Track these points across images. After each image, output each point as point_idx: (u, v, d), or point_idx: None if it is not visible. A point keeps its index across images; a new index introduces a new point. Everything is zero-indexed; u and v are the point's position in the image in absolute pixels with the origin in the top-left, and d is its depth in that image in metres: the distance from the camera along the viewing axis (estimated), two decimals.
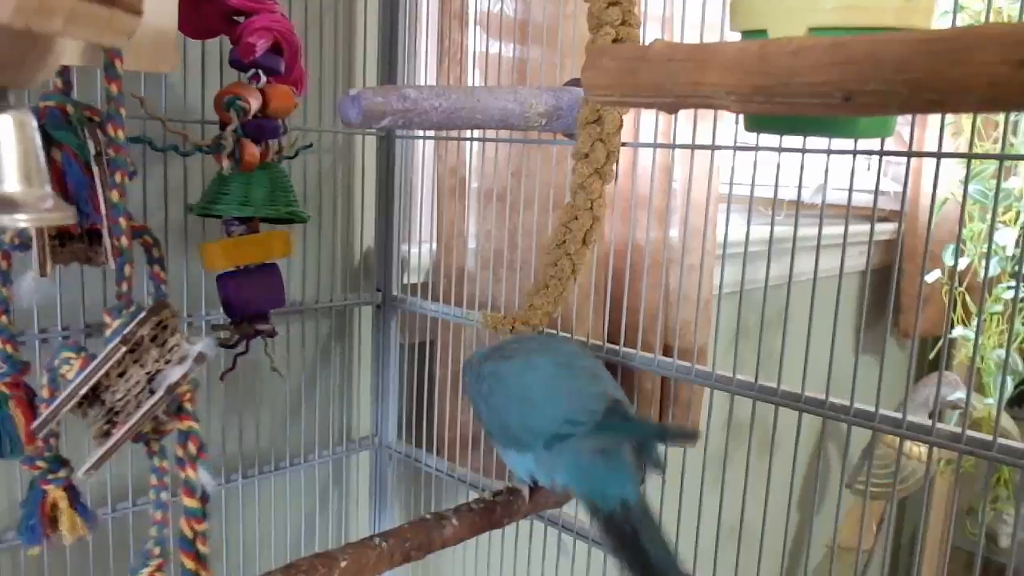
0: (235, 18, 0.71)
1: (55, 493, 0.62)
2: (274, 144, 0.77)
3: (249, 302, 0.74)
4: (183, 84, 0.81)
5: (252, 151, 0.70)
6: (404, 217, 1.05)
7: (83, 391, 0.57)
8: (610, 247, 1.14)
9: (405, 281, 1.06)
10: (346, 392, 1.05)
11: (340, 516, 1.07)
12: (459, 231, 1.07)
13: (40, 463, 0.63)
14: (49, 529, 0.62)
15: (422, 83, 1.03)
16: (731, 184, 0.79)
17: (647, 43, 0.46)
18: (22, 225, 0.34)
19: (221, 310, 0.77)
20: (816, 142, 0.63)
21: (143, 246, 0.65)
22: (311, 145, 0.86)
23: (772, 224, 0.71)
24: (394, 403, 1.06)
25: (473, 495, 0.96)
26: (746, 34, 0.51)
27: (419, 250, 1.08)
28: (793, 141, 0.64)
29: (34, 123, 0.37)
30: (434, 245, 1.10)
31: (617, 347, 0.81)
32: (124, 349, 0.58)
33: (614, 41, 0.71)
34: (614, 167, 0.76)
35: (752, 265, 0.77)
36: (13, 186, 0.34)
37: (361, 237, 1.04)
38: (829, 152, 0.63)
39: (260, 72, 0.73)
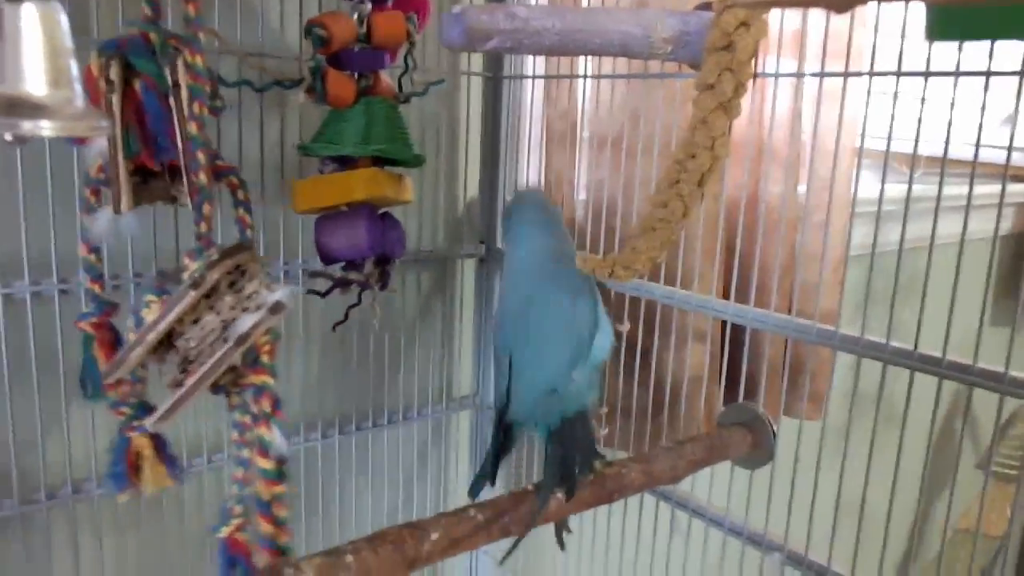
0: None
1: (139, 441, 0.59)
2: (396, 80, 0.72)
3: (334, 247, 0.69)
4: (296, 20, 0.77)
5: (341, 85, 0.65)
6: (510, 165, 0.98)
7: (151, 337, 0.53)
8: (722, 197, 1.04)
9: None
10: (447, 348, 1.00)
11: (439, 479, 1.03)
12: (568, 180, 1.00)
13: (125, 409, 0.60)
14: (134, 477, 0.60)
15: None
16: (863, 135, 0.69)
17: None
18: (46, 134, 0.29)
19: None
20: (1007, 63, 0.52)
21: (228, 188, 0.61)
22: (443, 81, 0.80)
23: (911, 181, 0.61)
24: None
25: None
26: None
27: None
28: (975, 62, 0.53)
29: (63, 17, 0.31)
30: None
31: (739, 306, 0.73)
32: (194, 293, 0.54)
33: None
34: (741, 102, 0.66)
35: (885, 226, 0.67)
36: (39, 88, 0.29)
37: (465, 186, 0.98)
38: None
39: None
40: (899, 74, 0.57)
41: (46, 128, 0.29)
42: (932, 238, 0.61)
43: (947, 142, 0.58)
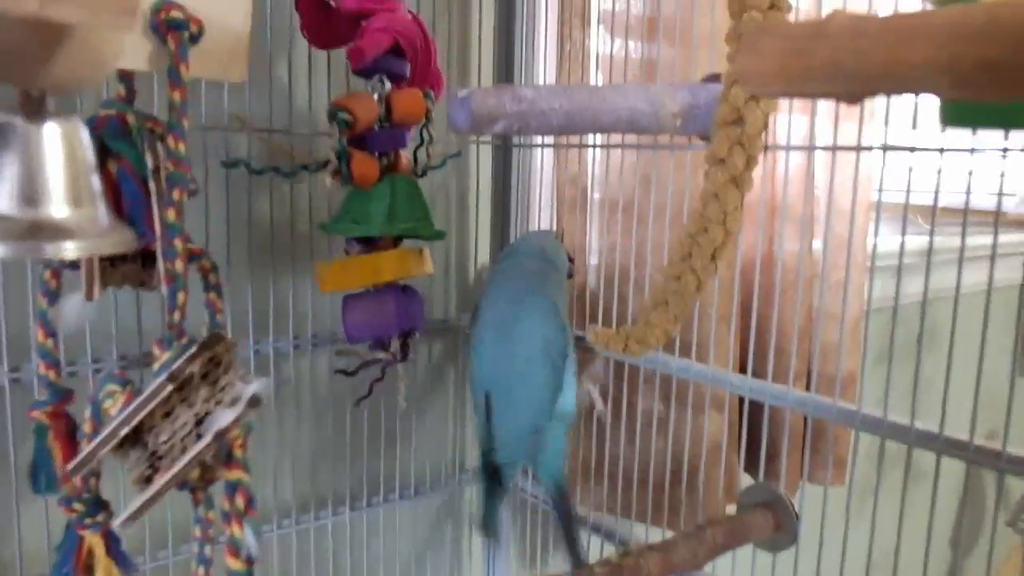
0: (362, 22, 0.66)
1: (92, 539, 0.56)
2: (411, 155, 0.71)
3: (362, 327, 0.68)
4: (306, 94, 0.77)
5: (366, 166, 0.64)
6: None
7: (124, 432, 0.51)
8: (738, 260, 1.03)
9: None
10: (459, 418, 0.98)
11: (454, 555, 1.00)
12: (580, 246, 0.99)
13: (77, 505, 0.56)
14: None
15: (540, 64, 0.95)
16: (880, 190, 0.68)
17: (826, 18, 0.37)
18: (70, 255, 0.28)
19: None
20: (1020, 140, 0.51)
21: (200, 272, 0.59)
22: (459, 153, 0.80)
23: (932, 232, 0.59)
24: None
25: (595, 539, 0.87)
26: (944, 0, 0.41)
27: None
28: (991, 141, 0.52)
29: (85, 134, 0.31)
30: None
31: (757, 381, 0.71)
32: (171, 387, 0.52)
33: None
34: (753, 174, 0.66)
35: (903, 279, 0.66)
36: (60, 209, 0.29)
37: (476, 253, 0.97)
38: None
39: (384, 78, 0.67)
40: (913, 149, 0.56)
41: (69, 250, 0.29)
42: (957, 289, 0.60)
43: (967, 195, 0.56)
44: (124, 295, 0.66)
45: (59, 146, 0.30)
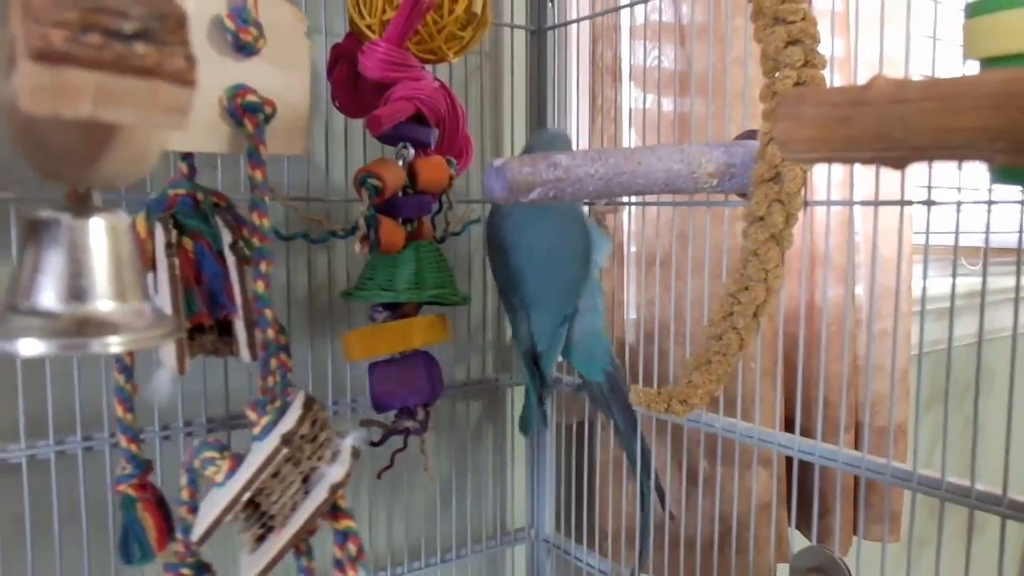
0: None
1: None
2: (430, 220, 0.72)
3: (391, 395, 0.68)
4: (343, 164, 0.78)
5: (393, 232, 0.64)
6: None
7: (246, 496, 0.53)
8: (780, 312, 1.01)
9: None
10: (499, 479, 0.97)
11: None
12: (618, 301, 0.98)
13: (185, 571, 0.58)
14: None
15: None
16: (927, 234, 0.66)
17: (865, 84, 0.36)
18: (115, 351, 0.28)
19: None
20: None
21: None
22: (479, 219, 0.81)
23: (984, 274, 0.57)
24: (551, 491, 0.97)
25: None
26: (991, 63, 0.40)
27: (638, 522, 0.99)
28: None
29: (126, 226, 0.31)
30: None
31: (806, 441, 0.69)
32: (287, 450, 0.54)
33: (796, 86, 0.61)
34: (793, 231, 0.64)
35: (942, 323, 0.64)
36: (105, 303, 0.29)
37: None
38: None
39: (408, 145, 0.68)
40: (959, 203, 0.54)
41: (114, 345, 0.29)
42: (1014, 329, 0.57)
43: (1021, 235, 0.55)
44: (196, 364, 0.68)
45: (104, 241, 0.30)
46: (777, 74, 0.62)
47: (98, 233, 0.30)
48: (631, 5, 0.85)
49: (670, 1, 0.95)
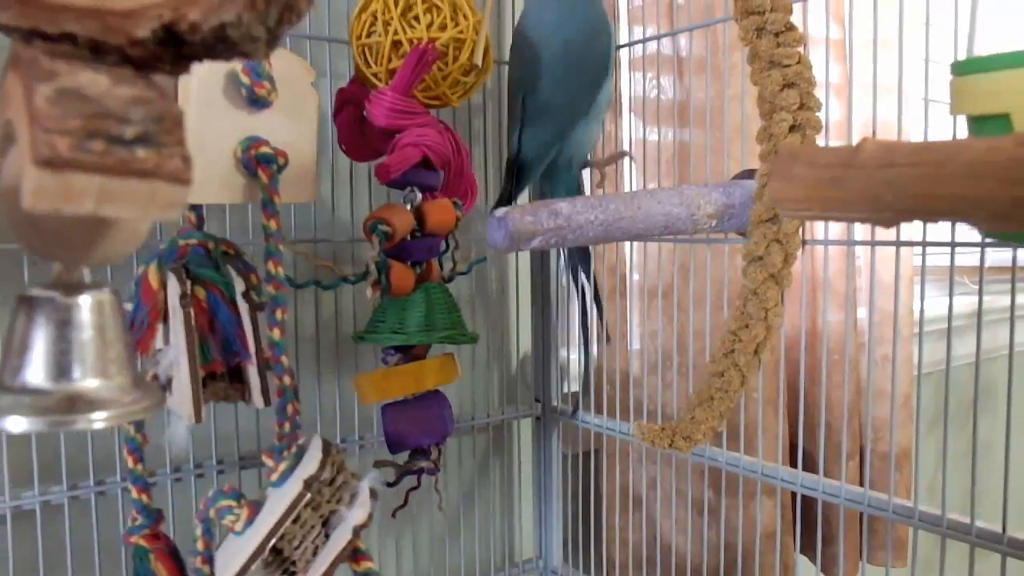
0: (395, 135, 0.68)
1: None
2: (438, 262, 0.73)
3: (407, 436, 0.69)
4: (348, 205, 0.80)
5: (403, 276, 0.66)
6: (562, 320, 0.98)
7: (271, 544, 0.54)
8: (782, 339, 1.02)
9: (565, 390, 0.98)
10: (507, 511, 0.98)
11: None
12: (621, 332, 0.99)
13: None
14: None
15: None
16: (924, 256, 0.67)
17: (854, 144, 0.37)
18: (99, 426, 0.29)
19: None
20: None
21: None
22: (485, 259, 0.82)
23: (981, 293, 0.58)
24: (558, 522, 0.98)
25: None
26: (976, 120, 0.41)
27: (579, 355, 1.00)
28: None
29: (114, 304, 0.32)
30: (594, 346, 1.02)
31: (809, 476, 0.69)
32: (309, 494, 0.55)
33: (791, 128, 0.62)
34: (792, 271, 0.66)
35: (941, 343, 0.65)
36: (91, 380, 0.30)
37: (517, 343, 0.98)
38: None
39: (416, 189, 0.69)
40: (954, 244, 0.55)
41: (99, 421, 0.30)
42: (1011, 348, 0.58)
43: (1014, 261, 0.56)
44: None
45: (91, 318, 0.31)
46: (774, 116, 0.63)
47: (86, 311, 0.31)
48: (629, 45, 0.87)
49: (669, 37, 0.97)
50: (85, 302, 0.31)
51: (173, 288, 0.57)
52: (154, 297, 0.58)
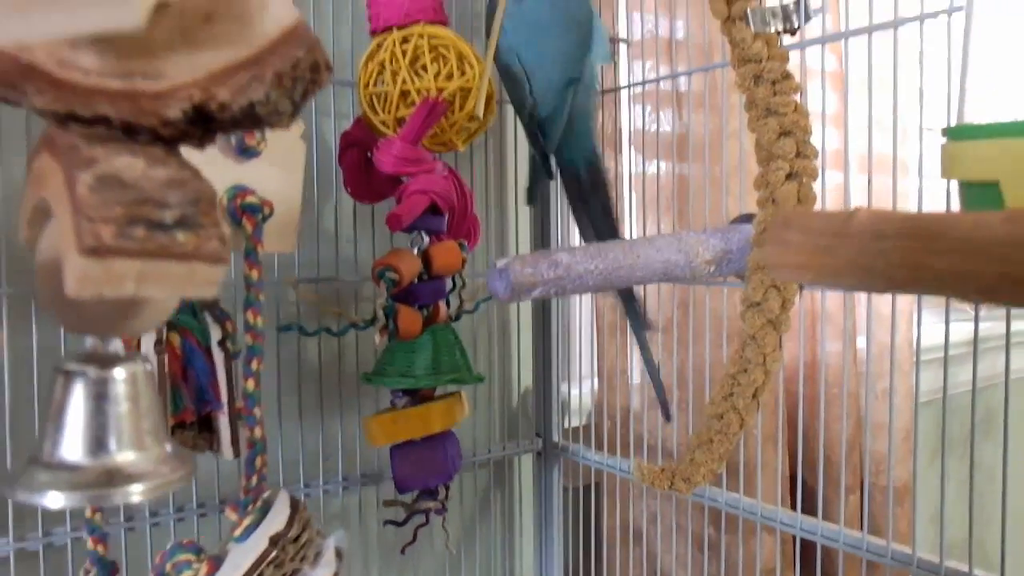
0: (403, 178, 0.69)
1: None
2: (445, 301, 0.74)
3: (414, 478, 0.69)
4: (353, 242, 0.81)
5: (410, 320, 0.67)
6: (563, 354, 0.99)
7: None
8: (780, 373, 1.03)
9: (566, 425, 0.99)
10: (508, 546, 0.98)
11: None
12: (622, 368, 0.99)
13: None
14: None
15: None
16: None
17: (848, 211, 0.38)
18: (137, 499, 0.30)
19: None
20: None
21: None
22: (490, 297, 0.83)
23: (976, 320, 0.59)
24: (559, 556, 0.98)
25: None
26: (968, 186, 0.42)
27: (579, 390, 1.01)
28: None
29: (147, 374, 0.33)
30: (595, 382, 1.03)
31: (808, 519, 0.70)
32: (275, 552, 0.54)
33: (788, 176, 0.64)
34: (790, 316, 0.67)
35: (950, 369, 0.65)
36: (125, 454, 0.31)
37: (519, 377, 0.99)
38: None
39: (422, 232, 0.70)
40: (948, 312, 0.56)
41: (135, 494, 0.30)
42: (1007, 376, 0.58)
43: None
44: None
45: (126, 390, 0.32)
46: (771, 164, 0.64)
47: (121, 383, 0.32)
48: (630, 86, 0.88)
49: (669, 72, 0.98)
50: (119, 375, 0.32)
51: (147, 334, 0.57)
52: (128, 342, 0.57)
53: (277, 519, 0.55)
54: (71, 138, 0.29)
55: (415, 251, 0.69)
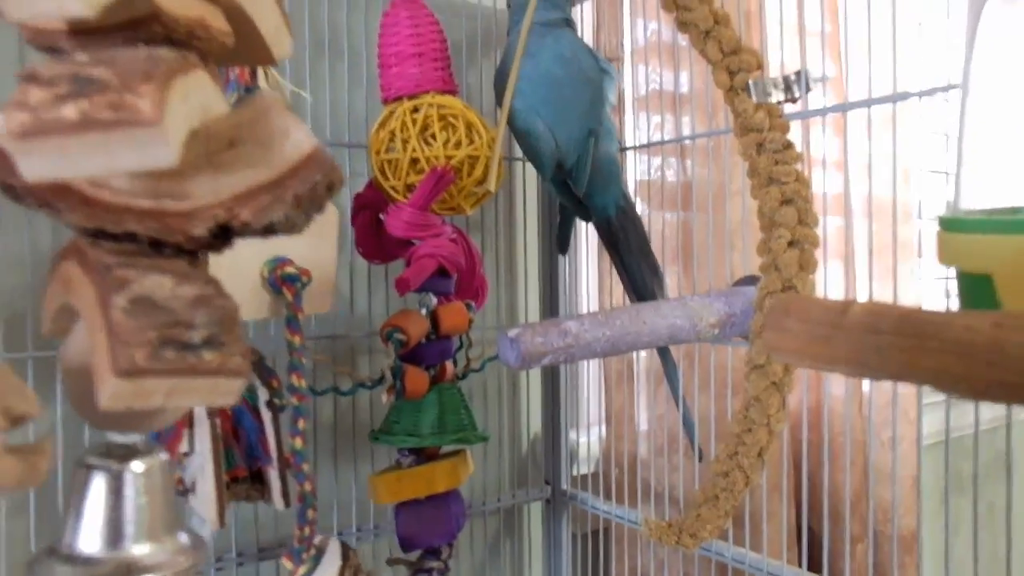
0: (413, 241, 0.71)
1: None
2: (452, 362, 0.76)
3: (418, 537, 0.70)
4: (366, 300, 0.83)
5: (417, 380, 0.68)
6: (571, 402, 1.00)
7: None
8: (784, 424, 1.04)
9: (575, 472, 1.00)
10: None
11: None
12: (629, 416, 1.01)
13: None
14: None
15: (584, 264, 1.00)
16: None
17: (844, 303, 0.40)
18: None
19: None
20: None
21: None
22: (496, 356, 0.84)
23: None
24: None
25: None
26: (963, 275, 0.43)
27: (588, 437, 1.03)
28: None
29: (163, 466, 0.35)
30: (603, 429, 1.04)
31: (805, 572, 0.71)
32: None
33: (790, 244, 0.65)
34: (793, 377, 0.68)
35: (958, 410, 0.66)
36: (141, 546, 0.32)
37: (528, 424, 1.00)
38: None
39: (430, 293, 0.72)
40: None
41: None
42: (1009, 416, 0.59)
43: None
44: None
45: (144, 483, 0.33)
46: (773, 232, 0.66)
47: (139, 476, 0.34)
48: (635, 148, 0.90)
49: (672, 124, 1.00)
50: (138, 468, 0.34)
51: None
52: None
53: (330, 569, 0.58)
54: (102, 255, 0.30)
55: (423, 311, 0.71)
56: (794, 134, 0.67)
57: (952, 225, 0.43)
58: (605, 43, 1.02)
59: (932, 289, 1.30)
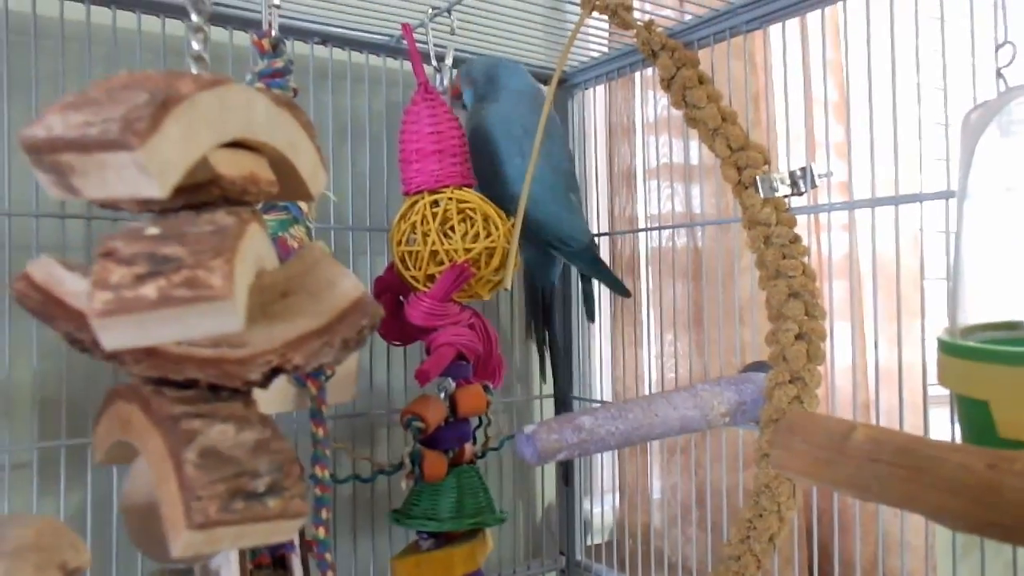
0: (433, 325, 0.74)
1: None
2: (471, 441, 0.78)
3: None
4: (385, 374, 0.85)
5: (436, 464, 0.71)
6: (585, 471, 1.02)
7: None
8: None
9: (588, 543, 1.01)
10: None
11: None
12: (643, 486, 1.02)
13: None
14: None
15: (597, 332, 1.02)
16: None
17: (848, 426, 0.42)
18: None
19: None
20: None
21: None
22: (513, 435, 0.87)
23: None
24: None
25: None
26: (961, 398, 0.46)
27: (601, 507, 1.04)
28: None
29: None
30: (616, 498, 1.05)
31: None
32: None
33: (797, 337, 0.68)
34: None
35: None
36: None
37: (542, 494, 1.02)
38: None
39: (449, 378, 0.75)
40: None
41: None
42: None
43: None
44: None
45: None
46: (780, 323, 0.69)
47: None
48: (647, 230, 0.93)
49: (683, 197, 1.03)
50: None
51: None
52: None
53: None
54: (166, 405, 0.33)
55: (442, 395, 0.73)
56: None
57: (951, 350, 0.46)
58: (617, 118, 1.05)
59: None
